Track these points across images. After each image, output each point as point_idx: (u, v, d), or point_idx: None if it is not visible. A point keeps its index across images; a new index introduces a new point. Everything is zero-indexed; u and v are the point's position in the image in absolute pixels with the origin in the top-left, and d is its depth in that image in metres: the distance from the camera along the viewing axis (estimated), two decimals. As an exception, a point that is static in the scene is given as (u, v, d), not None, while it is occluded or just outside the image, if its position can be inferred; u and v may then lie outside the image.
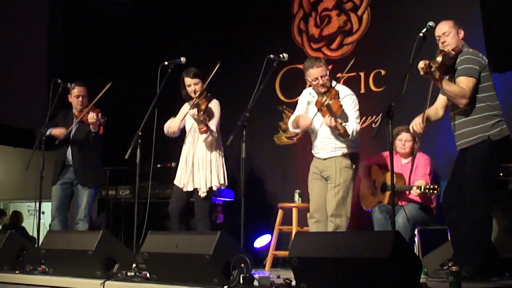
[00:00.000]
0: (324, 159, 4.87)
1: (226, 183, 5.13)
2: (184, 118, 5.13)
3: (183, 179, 5.07)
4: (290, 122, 5.06)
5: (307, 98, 4.97)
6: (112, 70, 7.74)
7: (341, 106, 4.68)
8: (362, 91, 6.51)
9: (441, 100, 4.37)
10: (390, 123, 3.77)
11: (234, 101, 6.03)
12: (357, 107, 4.85)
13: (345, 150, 4.80)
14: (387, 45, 6.45)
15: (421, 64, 3.95)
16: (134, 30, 8.24)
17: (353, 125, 4.72)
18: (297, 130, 5.04)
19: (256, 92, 4.38)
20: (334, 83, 4.87)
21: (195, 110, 4.86)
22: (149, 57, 7.30)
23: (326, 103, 4.64)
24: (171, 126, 5.19)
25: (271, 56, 4.54)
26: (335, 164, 4.78)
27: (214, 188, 5.05)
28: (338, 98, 4.69)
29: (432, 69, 3.95)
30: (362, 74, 6.57)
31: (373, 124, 6.35)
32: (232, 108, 5.53)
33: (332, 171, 4.79)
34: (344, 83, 5.91)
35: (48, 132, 5.47)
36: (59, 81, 5.52)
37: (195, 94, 5.04)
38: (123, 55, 8.01)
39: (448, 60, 4.13)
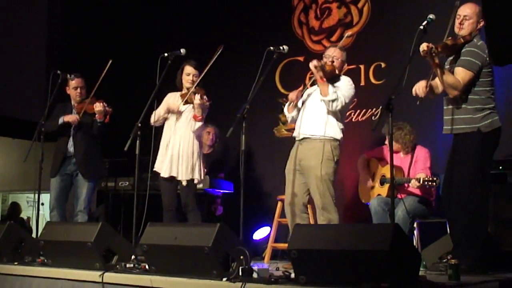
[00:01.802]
0: (303, 139, 4.76)
1: (203, 178, 5.22)
2: (169, 107, 5.15)
3: (164, 165, 5.08)
4: (285, 108, 5.01)
5: (310, 90, 4.91)
6: (112, 61, 7.72)
7: (334, 70, 4.72)
8: (362, 83, 6.49)
9: None
10: (390, 116, 3.76)
11: (234, 93, 6.02)
12: (352, 93, 4.77)
13: (325, 134, 4.67)
14: (388, 38, 6.43)
15: (423, 46, 3.94)
16: (133, 22, 8.20)
17: (338, 93, 4.62)
18: (293, 113, 4.93)
19: (256, 84, 4.37)
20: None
21: (198, 96, 4.88)
22: (148, 48, 7.28)
23: (321, 64, 4.65)
24: (160, 115, 5.17)
25: (271, 48, 4.51)
26: (316, 154, 4.64)
27: (195, 181, 5.09)
28: (337, 79, 4.73)
29: (433, 52, 3.93)
30: (362, 66, 6.55)
31: (373, 117, 6.34)
32: (231, 100, 5.52)
33: (312, 162, 4.65)
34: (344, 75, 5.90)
35: (60, 121, 5.50)
36: (58, 72, 5.51)
37: (192, 84, 5.07)
38: (122, 46, 7.97)
39: (453, 46, 4.13)
